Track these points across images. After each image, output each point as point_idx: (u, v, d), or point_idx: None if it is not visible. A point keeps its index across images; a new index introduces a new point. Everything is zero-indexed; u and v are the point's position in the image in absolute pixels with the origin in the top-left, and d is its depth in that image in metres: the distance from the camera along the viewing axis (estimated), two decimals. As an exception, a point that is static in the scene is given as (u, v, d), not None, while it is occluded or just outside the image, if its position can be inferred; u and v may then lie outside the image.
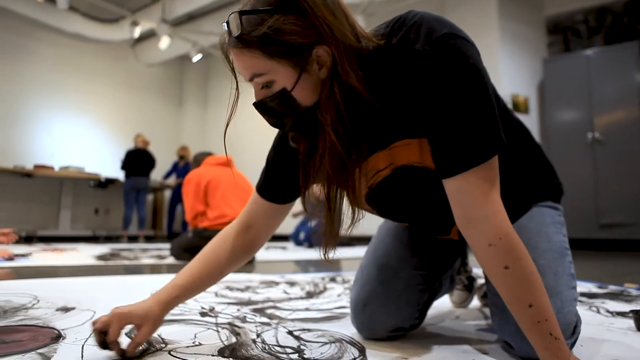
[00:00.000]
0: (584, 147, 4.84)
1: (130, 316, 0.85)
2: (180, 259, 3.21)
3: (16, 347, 0.92)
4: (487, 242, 0.71)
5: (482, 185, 0.71)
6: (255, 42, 0.70)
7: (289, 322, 1.20)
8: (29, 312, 1.29)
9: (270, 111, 0.77)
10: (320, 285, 1.93)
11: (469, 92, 0.71)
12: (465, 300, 1.44)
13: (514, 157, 0.91)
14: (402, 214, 0.98)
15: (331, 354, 0.89)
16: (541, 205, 0.98)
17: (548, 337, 0.69)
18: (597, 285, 1.92)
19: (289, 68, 0.72)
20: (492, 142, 0.72)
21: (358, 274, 1.08)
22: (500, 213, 0.72)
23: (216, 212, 3.14)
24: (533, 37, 5.51)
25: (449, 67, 0.71)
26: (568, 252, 0.93)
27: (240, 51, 0.72)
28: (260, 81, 0.74)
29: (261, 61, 0.72)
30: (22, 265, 2.74)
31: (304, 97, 0.74)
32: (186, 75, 9.10)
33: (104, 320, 0.84)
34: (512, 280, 0.70)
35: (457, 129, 0.71)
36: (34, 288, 1.72)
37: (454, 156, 0.72)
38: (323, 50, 0.71)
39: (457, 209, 0.74)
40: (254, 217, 0.98)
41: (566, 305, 0.82)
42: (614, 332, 1.09)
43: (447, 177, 0.74)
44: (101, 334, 0.84)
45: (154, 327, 0.88)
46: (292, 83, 0.73)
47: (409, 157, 0.84)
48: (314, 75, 0.73)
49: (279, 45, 0.70)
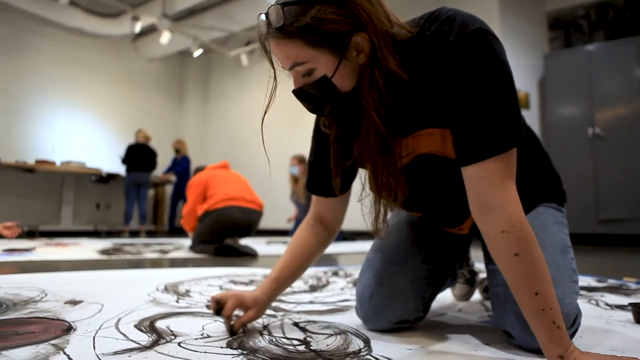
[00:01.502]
0: (584, 143, 4.85)
1: (244, 298, 1.00)
2: (197, 251, 3.36)
3: (29, 339, 0.94)
4: (501, 229, 0.73)
5: (500, 175, 0.74)
6: (298, 32, 0.73)
7: (294, 314, 1.22)
8: (38, 305, 1.31)
9: (309, 98, 0.80)
10: (323, 279, 1.96)
11: (496, 85, 0.74)
12: (467, 293, 1.46)
13: (526, 159, 0.93)
14: (419, 202, 1.00)
15: (337, 345, 0.91)
16: (546, 205, 1.02)
17: (551, 326, 0.72)
18: (597, 279, 1.95)
19: (330, 56, 0.75)
20: (514, 135, 0.75)
21: (365, 267, 1.10)
22: (516, 202, 0.74)
23: (220, 195, 3.33)
24: (534, 33, 5.51)
25: (480, 59, 0.74)
26: (570, 250, 0.96)
27: (282, 41, 0.75)
28: (301, 70, 0.77)
29: (303, 50, 0.75)
30: (28, 259, 2.76)
31: (343, 83, 0.78)
32: (187, 71, 9.09)
33: (223, 294, 1.01)
34: (521, 268, 0.73)
35: (481, 118, 0.74)
36: (40, 282, 1.74)
37: (476, 144, 0.75)
38: (361, 37, 0.75)
39: (474, 196, 0.77)
40: (321, 210, 1.05)
41: (567, 297, 0.85)
42: (613, 324, 1.12)
43: (468, 164, 0.76)
44: (218, 304, 1.00)
45: (259, 312, 1.02)
46: (332, 70, 0.76)
47: (430, 146, 0.87)
48: (352, 62, 0.77)
49: (320, 35, 0.73)
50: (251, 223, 3.43)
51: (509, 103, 0.75)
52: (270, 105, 0.81)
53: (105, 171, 6.98)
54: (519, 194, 0.76)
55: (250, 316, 1.00)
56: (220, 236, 3.30)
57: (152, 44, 7.81)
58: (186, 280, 1.86)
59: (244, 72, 8.14)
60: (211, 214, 3.31)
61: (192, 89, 9.10)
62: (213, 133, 9.10)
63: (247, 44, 7.72)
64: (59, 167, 6.56)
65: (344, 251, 3.76)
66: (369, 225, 0.90)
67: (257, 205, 3.47)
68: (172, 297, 1.46)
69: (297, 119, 6.16)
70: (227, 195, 3.33)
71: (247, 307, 1.00)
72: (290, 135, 6.07)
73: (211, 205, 3.32)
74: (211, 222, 3.30)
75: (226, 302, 0.99)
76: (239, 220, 3.33)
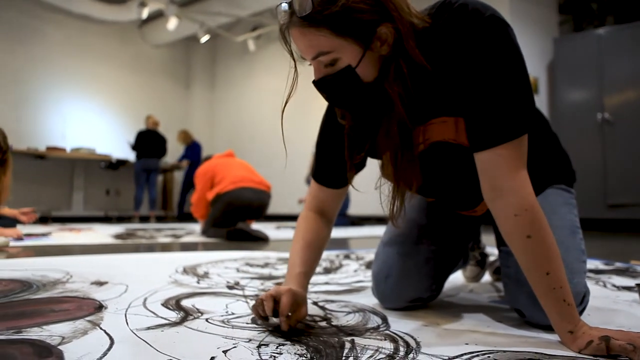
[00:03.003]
0: (593, 128, 4.84)
1: (297, 295, 0.87)
2: (210, 236, 3.45)
3: (65, 315, 1.00)
4: (513, 213, 0.77)
5: (512, 160, 0.77)
6: (325, 21, 0.74)
7: (312, 294, 1.27)
8: (66, 285, 1.37)
9: (331, 88, 0.81)
10: (336, 262, 2.01)
11: (509, 72, 0.77)
12: (478, 275, 1.50)
13: (534, 142, 0.96)
14: (433, 187, 1.03)
15: (357, 321, 0.96)
16: (556, 187, 1.04)
17: (561, 303, 0.76)
18: (604, 262, 1.98)
19: (355, 46, 0.76)
20: (525, 121, 0.77)
21: (380, 249, 1.15)
22: (528, 186, 0.78)
23: (230, 178, 3.44)
24: (544, 16, 5.45)
25: (493, 47, 0.77)
26: (579, 231, 0.99)
27: (308, 30, 0.76)
28: (325, 59, 0.78)
29: (329, 40, 0.76)
30: (46, 243, 2.84)
31: (366, 73, 0.79)
32: (193, 57, 9.09)
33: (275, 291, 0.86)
34: (533, 249, 0.77)
35: (494, 105, 0.77)
36: (63, 264, 1.80)
37: (489, 131, 0.78)
38: (386, 28, 0.76)
39: (486, 181, 0.80)
40: (323, 201, 1.05)
41: (576, 277, 0.89)
42: (620, 304, 1.16)
43: (481, 149, 0.79)
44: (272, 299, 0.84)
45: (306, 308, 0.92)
46: (357, 60, 0.77)
47: (444, 133, 0.89)
48: (375, 52, 0.78)
49: (348, 24, 0.74)
50: (262, 204, 3.53)
51: (522, 90, 0.78)
52: (292, 96, 0.82)
53: (114, 157, 7.05)
54: (529, 175, 0.79)
55: (302, 314, 0.90)
56: (233, 218, 3.39)
57: (158, 30, 7.81)
58: (203, 263, 1.92)
59: (251, 58, 8.14)
60: (223, 197, 3.38)
61: (198, 75, 9.11)
62: (220, 118, 9.13)
63: (254, 29, 7.70)
64: (70, 153, 6.65)
65: (353, 236, 3.81)
66: (387, 212, 0.91)
67: (266, 187, 3.57)
68: (192, 279, 1.52)
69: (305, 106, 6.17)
70: (237, 178, 3.44)
71: (299, 304, 0.88)
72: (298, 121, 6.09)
73: (222, 188, 3.40)
74: (224, 203, 3.38)
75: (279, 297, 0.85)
76: (251, 200, 3.42)
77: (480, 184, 0.82)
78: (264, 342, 0.80)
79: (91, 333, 0.86)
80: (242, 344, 0.79)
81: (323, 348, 0.77)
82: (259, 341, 0.81)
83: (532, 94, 0.80)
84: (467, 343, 0.81)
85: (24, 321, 0.94)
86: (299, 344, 0.79)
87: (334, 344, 0.79)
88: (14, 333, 0.85)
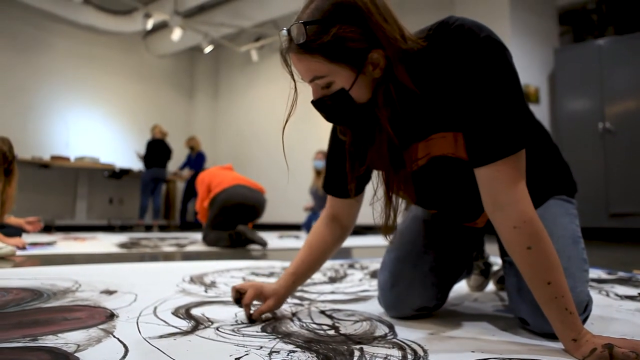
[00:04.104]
0: (595, 137, 4.87)
1: (263, 289, 1.08)
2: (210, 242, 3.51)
3: (78, 324, 1.02)
4: (513, 225, 0.80)
5: (511, 174, 0.80)
6: (319, 49, 0.79)
7: (319, 303, 1.29)
8: (76, 294, 1.39)
9: (327, 108, 0.86)
10: (341, 271, 2.03)
11: (505, 90, 0.80)
12: (482, 284, 1.52)
13: (535, 154, 0.99)
14: (435, 200, 1.06)
15: (364, 330, 0.98)
16: (557, 198, 1.07)
17: (564, 312, 0.78)
18: (607, 271, 2.00)
19: (348, 70, 0.81)
20: (522, 137, 0.80)
21: (385, 259, 1.17)
22: (526, 199, 0.80)
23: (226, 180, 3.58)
24: (544, 27, 5.50)
25: (488, 66, 0.80)
26: (581, 240, 1.02)
27: (303, 56, 0.81)
28: (321, 82, 0.83)
29: (323, 65, 0.80)
30: (52, 252, 2.86)
31: (360, 95, 0.83)
32: (197, 67, 9.18)
33: (243, 284, 1.11)
34: (534, 260, 0.79)
35: (492, 123, 0.80)
36: (72, 273, 1.83)
37: (488, 147, 0.81)
38: (377, 53, 0.80)
39: (487, 195, 0.83)
40: (336, 210, 1.12)
41: (578, 285, 0.91)
42: (623, 312, 1.17)
43: (480, 165, 0.82)
44: (238, 292, 1.10)
45: (277, 303, 1.10)
46: (350, 83, 0.82)
47: (444, 148, 0.92)
48: (368, 76, 0.82)
49: (340, 52, 0.79)
50: (258, 202, 3.62)
51: (517, 107, 0.81)
52: (292, 114, 0.86)
53: (118, 166, 7.10)
54: (530, 187, 0.82)
55: (269, 306, 1.08)
56: (231, 219, 3.47)
57: (162, 41, 7.90)
58: (209, 272, 1.94)
59: (254, 68, 8.21)
60: (218, 197, 3.51)
61: (202, 85, 9.19)
62: (223, 128, 9.19)
63: (257, 39, 7.78)
64: (73, 162, 6.69)
65: (357, 245, 3.83)
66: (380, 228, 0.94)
67: (260, 189, 3.70)
68: (200, 288, 1.54)
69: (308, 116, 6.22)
70: (231, 180, 3.60)
71: (266, 298, 1.09)
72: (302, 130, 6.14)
73: (218, 188, 3.54)
74: (220, 203, 3.50)
75: (246, 291, 1.09)
76: (246, 197, 3.53)
77: (482, 198, 0.85)
78: (275, 349, 0.82)
79: (105, 341, 0.88)
80: (254, 351, 0.82)
81: (333, 355, 0.79)
82: (270, 348, 0.83)
83: (527, 110, 0.83)
84: (474, 351, 0.83)
85: (39, 329, 0.96)
86: (309, 351, 0.81)
87: (343, 351, 0.81)
88: (30, 340, 0.87)
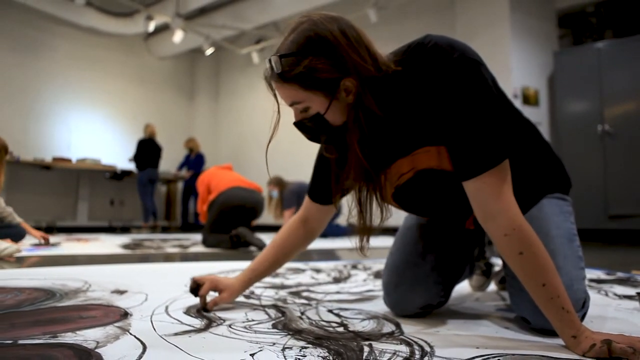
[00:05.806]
0: (594, 139, 4.91)
1: (219, 282, 1.22)
2: (210, 244, 3.55)
3: (93, 322, 1.05)
4: (503, 233, 0.84)
5: (496, 185, 0.85)
6: (293, 78, 0.85)
7: (326, 302, 1.33)
8: (88, 294, 1.43)
9: (307, 129, 0.93)
10: (345, 272, 2.06)
11: (481, 106, 0.85)
12: (483, 284, 1.56)
13: (524, 154, 1.03)
14: (423, 209, 1.12)
15: (372, 327, 1.02)
16: (550, 197, 1.09)
17: (561, 311, 0.82)
18: (606, 272, 2.03)
19: (322, 97, 0.87)
20: (503, 148, 0.85)
21: (389, 260, 1.21)
22: (513, 207, 0.85)
23: (224, 182, 3.63)
24: (544, 30, 5.55)
25: (463, 85, 0.85)
26: (576, 238, 1.05)
27: (281, 85, 0.88)
28: (299, 107, 0.90)
29: (299, 92, 0.87)
30: (57, 253, 2.89)
31: (335, 119, 0.89)
32: (198, 69, 9.21)
33: (202, 277, 1.22)
34: (527, 264, 0.83)
35: (473, 138, 0.85)
36: (80, 274, 1.86)
37: (472, 162, 0.85)
38: (349, 81, 0.86)
39: (476, 206, 0.88)
40: (308, 213, 1.20)
41: (575, 283, 0.94)
42: (621, 311, 1.21)
43: (467, 179, 0.87)
44: (196, 283, 1.21)
45: (231, 296, 1.22)
46: (324, 108, 0.88)
47: (428, 161, 0.97)
48: (342, 101, 0.88)
49: (312, 81, 0.85)
50: (256, 203, 3.67)
51: (495, 120, 0.85)
52: (275, 134, 0.92)
53: (119, 168, 7.12)
54: (523, 188, 0.87)
55: (222, 298, 1.20)
56: (230, 221, 3.51)
57: (163, 43, 7.94)
58: (215, 273, 1.97)
59: (254, 70, 8.24)
60: (217, 200, 3.55)
61: (203, 87, 9.22)
62: (223, 129, 9.22)
63: (258, 42, 7.82)
64: (75, 164, 6.72)
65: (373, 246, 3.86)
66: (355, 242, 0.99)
67: (257, 188, 3.75)
68: (208, 288, 1.57)
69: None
70: (229, 180, 3.65)
71: (221, 291, 1.20)
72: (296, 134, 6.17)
73: (216, 191, 3.58)
74: (218, 206, 3.54)
75: (203, 283, 1.21)
76: (244, 198, 3.57)
77: (473, 209, 0.89)
78: (287, 345, 0.86)
79: (123, 338, 0.92)
80: (267, 347, 0.85)
81: (344, 351, 0.82)
82: (283, 344, 0.86)
83: (505, 121, 0.88)
84: (478, 347, 0.86)
85: (57, 327, 0.99)
86: (320, 347, 0.84)
87: (353, 347, 0.85)
88: (50, 337, 0.90)
